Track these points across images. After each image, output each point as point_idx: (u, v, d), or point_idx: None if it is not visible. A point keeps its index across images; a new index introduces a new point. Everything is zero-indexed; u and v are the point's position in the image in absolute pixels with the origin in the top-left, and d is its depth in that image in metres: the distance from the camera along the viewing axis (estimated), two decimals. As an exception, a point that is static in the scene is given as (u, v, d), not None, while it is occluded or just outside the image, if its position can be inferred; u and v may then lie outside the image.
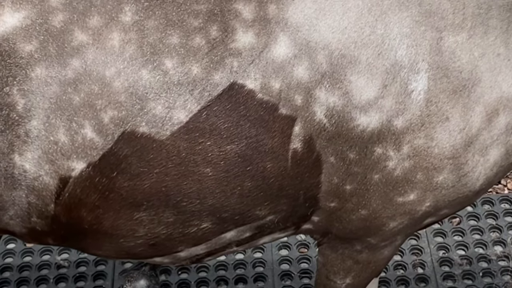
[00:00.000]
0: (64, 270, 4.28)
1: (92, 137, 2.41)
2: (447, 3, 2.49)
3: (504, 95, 2.55)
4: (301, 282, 4.20)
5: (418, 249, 4.35)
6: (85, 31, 2.39)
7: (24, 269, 4.29)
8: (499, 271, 4.24)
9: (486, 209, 4.53)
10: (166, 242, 2.65)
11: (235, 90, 2.42)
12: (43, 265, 4.30)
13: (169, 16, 2.42)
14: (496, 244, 4.38)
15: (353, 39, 2.45)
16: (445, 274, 4.23)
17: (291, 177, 2.54)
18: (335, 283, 3.01)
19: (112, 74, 2.38)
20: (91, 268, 4.28)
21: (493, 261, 4.29)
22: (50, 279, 4.23)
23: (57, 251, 4.34)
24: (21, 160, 2.42)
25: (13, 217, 2.56)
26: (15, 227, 2.61)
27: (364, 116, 2.47)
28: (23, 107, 2.37)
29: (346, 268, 2.95)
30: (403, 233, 2.82)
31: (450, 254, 4.33)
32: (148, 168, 2.45)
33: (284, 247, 4.36)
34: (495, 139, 2.60)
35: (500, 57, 2.54)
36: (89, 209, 2.51)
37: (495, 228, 4.44)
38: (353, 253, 2.88)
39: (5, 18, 2.37)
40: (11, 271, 4.27)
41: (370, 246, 2.83)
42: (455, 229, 4.44)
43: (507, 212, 4.52)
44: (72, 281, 4.23)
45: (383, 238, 2.79)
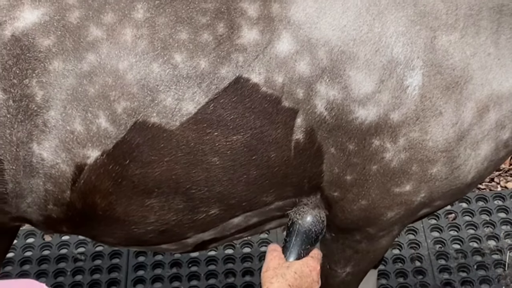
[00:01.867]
0: (80, 263, 4.27)
1: (106, 127, 2.41)
2: (441, 4, 2.49)
3: (494, 93, 2.55)
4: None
5: (415, 243, 4.34)
6: (99, 27, 2.40)
7: (43, 262, 4.29)
8: (493, 264, 4.23)
9: (480, 206, 4.53)
10: (175, 228, 2.65)
11: (240, 84, 2.43)
12: (60, 258, 4.30)
13: (179, 13, 2.43)
14: (490, 239, 4.37)
15: (352, 37, 2.45)
16: (441, 267, 4.22)
17: (294, 166, 2.55)
18: (336, 272, 3.00)
19: (125, 67, 2.39)
20: (106, 261, 4.28)
21: (486, 255, 4.28)
22: (67, 271, 4.23)
23: (74, 245, 4.34)
24: (39, 148, 2.43)
25: (30, 205, 2.56)
26: (32, 215, 2.61)
27: (362, 109, 2.48)
28: (41, 98, 2.38)
29: (346, 257, 2.94)
30: (400, 223, 2.81)
31: (446, 248, 4.32)
32: (158, 156, 2.45)
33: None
34: (486, 134, 2.60)
35: (491, 56, 2.54)
36: (103, 195, 2.51)
37: (488, 223, 4.44)
38: (353, 243, 2.87)
39: (25, 15, 2.38)
40: (31, 264, 4.27)
41: (369, 236, 2.83)
42: (451, 225, 4.44)
43: (500, 209, 4.52)
44: (88, 273, 4.22)
45: (381, 228, 2.78)
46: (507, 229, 4.40)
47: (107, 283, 4.18)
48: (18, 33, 2.36)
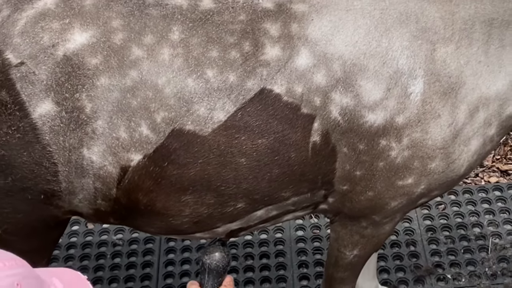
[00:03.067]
0: (119, 248, 4.27)
1: (147, 134, 2.41)
2: (439, 20, 2.49)
3: (483, 95, 2.56)
4: (314, 257, 4.18)
5: (410, 230, 4.33)
6: (140, 47, 2.40)
7: (86, 246, 4.28)
8: (477, 249, 4.21)
9: (466, 198, 4.51)
10: (207, 220, 2.65)
11: (264, 94, 2.43)
12: (101, 243, 4.30)
13: (210, 34, 2.43)
14: (475, 226, 4.34)
15: (363, 51, 2.46)
16: (432, 251, 4.21)
17: (311, 165, 2.55)
18: (345, 254, 3.00)
19: (163, 82, 2.39)
20: (141, 245, 4.27)
21: (472, 240, 4.26)
22: (107, 255, 4.23)
23: (113, 231, 4.34)
24: (89, 153, 2.43)
25: (81, 200, 2.56)
26: (83, 209, 2.61)
27: (372, 114, 2.48)
28: (90, 109, 2.38)
29: (354, 241, 2.93)
30: (401, 211, 2.82)
31: (437, 234, 4.30)
32: (193, 159, 2.45)
33: (300, 229, 4.35)
34: (476, 131, 2.60)
35: (481, 63, 2.54)
36: (145, 193, 2.51)
37: (473, 213, 4.41)
38: (360, 229, 2.87)
39: (75, 37, 2.37)
40: (75, 249, 4.27)
41: (374, 223, 2.83)
42: (441, 214, 4.42)
43: (483, 200, 4.49)
44: (126, 256, 4.22)
45: (385, 215, 2.78)
46: (489, 218, 4.38)
47: (142, 265, 4.17)
48: (69, 53, 2.36)
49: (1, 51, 2.34)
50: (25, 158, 2.42)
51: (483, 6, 2.51)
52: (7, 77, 2.34)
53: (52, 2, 2.41)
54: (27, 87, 2.35)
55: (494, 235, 4.29)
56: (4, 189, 2.49)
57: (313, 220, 4.39)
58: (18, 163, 2.43)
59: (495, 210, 4.43)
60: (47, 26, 2.37)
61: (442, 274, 4.09)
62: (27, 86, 2.35)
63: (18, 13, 2.39)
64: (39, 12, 2.39)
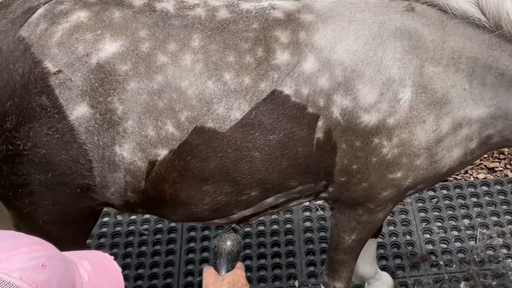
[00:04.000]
0: (144, 237, 4.27)
1: (173, 131, 2.43)
2: (430, 43, 2.51)
3: (467, 116, 2.59)
4: (320, 246, 4.18)
5: (406, 221, 4.33)
6: (165, 54, 2.42)
7: (115, 236, 4.30)
8: (467, 238, 4.21)
9: (457, 192, 4.50)
10: (225, 207, 2.67)
11: (275, 95, 2.45)
12: (129, 233, 4.30)
13: (227, 41, 2.45)
14: (464, 218, 4.34)
15: (361, 59, 2.48)
16: (426, 240, 4.20)
17: (315, 158, 2.58)
18: (344, 239, 3.02)
19: (186, 85, 2.41)
20: (165, 235, 4.28)
21: (462, 230, 4.26)
22: (134, 243, 4.24)
23: (139, 223, 4.34)
24: (121, 150, 2.45)
25: (113, 193, 2.58)
26: (114, 201, 2.63)
27: (367, 115, 2.51)
28: (121, 111, 2.40)
29: (352, 227, 2.95)
30: (392, 200, 2.84)
31: (430, 225, 4.30)
32: (213, 153, 2.48)
33: (307, 220, 4.35)
34: (458, 143, 2.63)
35: (466, 91, 2.56)
36: (170, 184, 2.54)
37: (463, 206, 4.41)
38: (357, 216, 2.89)
39: (106, 47, 2.40)
40: (106, 238, 4.28)
41: (369, 210, 2.85)
42: (434, 207, 4.42)
43: (472, 194, 4.49)
44: (151, 245, 4.22)
45: (378, 204, 2.80)
46: (478, 211, 4.37)
47: (166, 252, 4.17)
48: (102, 61, 2.38)
49: (41, 61, 2.37)
50: (63, 156, 2.44)
51: (471, 44, 2.52)
52: (47, 84, 2.36)
53: (85, 15, 2.44)
54: (64, 92, 2.37)
55: (482, 226, 4.29)
56: (45, 183, 2.52)
57: (319, 212, 4.40)
58: (57, 161, 2.45)
59: (483, 203, 4.43)
60: (81, 37, 2.40)
61: (435, 261, 4.08)
62: (65, 92, 2.37)
63: (54, 26, 2.41)
64: (74, 25, 2.42)
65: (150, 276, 4.04)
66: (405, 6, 2.55)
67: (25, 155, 2.43)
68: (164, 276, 4.05)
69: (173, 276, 4.04)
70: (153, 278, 4.04)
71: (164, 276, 4.05)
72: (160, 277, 4.03)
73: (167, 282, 4.02)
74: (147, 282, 4.01)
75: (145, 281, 4.01)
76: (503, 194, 4.48)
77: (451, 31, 2.51)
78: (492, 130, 2.66)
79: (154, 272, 4.07)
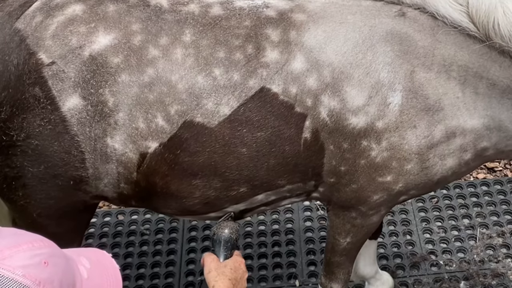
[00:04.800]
0: (146, 237, 4.31)
1: (163, 125, 2.46)
2: (421, 49, 2.51)
3: (461, 125, 2.58)
4: (320, 245, 4.21)
5: (406, 221, 4.34)
6: (157, 47, 2.45)
7: (116, 236, 4.33)
8: (466, 238, 4.22)
9: (457, 192, 4.51)
10: (215, 201, 2.69)
11: (264, 93, 2.47)
12: (131, 233, 4.34)
13: (218, 37, 2.48)
14: (464, 218, 4.35)
15: (350, 61, 2.49)
16: (426, 240, 4.21)
17: (303, 158, 2.58)
18: (339, 241, 3.01)
19: (176, 79, 2.44)
20: (166, 235, 4.31)
21: (462, 230, 4.27)
22: (135, 243, 4.27)
23: (141, 222, 4.38)
24: (112, 141, 2.48)
25: (107, 185, 2.60)
26: (108, 193, 2.65)
27: (355, 118, 2.51)
28: (112, 103, 2.43)
29: (346, 230, 2.94)
30: (385, 205, 2.83)
31: (430, 225, 4.31)
32: (202, 147, 2.50)
33: (308, 220, 4.37)
34: (452, 152, 2.62)
35: (459, 99, 2.55)
36: (161, 176, 2.56)
37: (463, 206, 4.42)
38: (351, 219, 2.89)
39: (99, 39, 2.44)
40: (107, 238, 4.32)
41: (362, 214, 2.84)
42: (434, 207, 4.43)
43: (472, 194, 4.50)
44: (152, 244, 4.25)
45: (370, 207, 2.80)
46: (477, 210, 4.38)
47: (167, 252, 4.21)
48: (94, 53, 2.43)
49: (35, 52, 2.42)
50: (56, 147, 2.48)
51: (462, 53, 2.51)
52: (40, 75, 2.41)
53: (79, 9, 2.49)
54: (57, 83, 2.42)
55: (482, 226, 4.30)
56: (38, 176, 2.56)
57: (320, 212, 4.42)
58: (50, 152, 2.49)
59: (483, 203, 4.44)
60: (75, 30, 2.45)
61: (435, 260, 4.10)
62: (58, 83, 2.42)
63: (50, 18, 2.47)
64: (68, 17, 2.47)
65: (151, 275, 4.08)
66: (397, 11, 2.55)
67: (18, 146, 2.47)
68: (165, 276, 4.08)
69: (174, 276, 4.07)
70: (154, 278, 4.07)
71: (165, 275, 4.08)
72: (161, 276, 4.07)
73: (168, 281, 4.05)
74: (148, 281, 4.05)
75: (146, 281, 4.05)
76: (503, 194, 4.49)
77: (442, 38, 2.51)
78: (488, 143, 2.65)
79: (155, 272, 4.10)
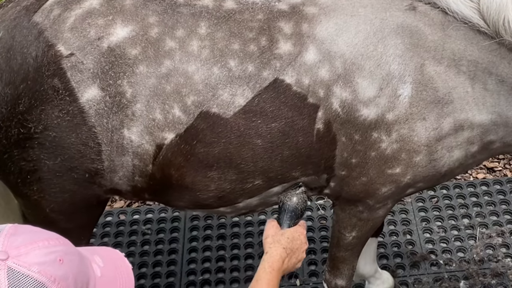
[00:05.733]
0: (147, 237, 4.33)
1: (179, 115, 2.49)
2: (431, 42, 2.55)
3: (469, 119, 2.61)
4: (321, 245, 4.24)
5: (407, 221, 4.38)
6: (173, 39, 2.49)
7: (118, 235, 4.35)
8: (466, 237, 4.26)
9: (457, 192, 4.56)
10: (230, 195, 2.71)
11: (277, 84, 2.50)
12: (132, 232, 4.36)
13: (232, 29, 2.52)
14: (464, 217, 4.40)
15: (361, 53, 2.53)
16: (426, 239, 4.25)
17: (315, 149, 2.61)
18: (344, 235, 3.04)
19: (193, 70, 2.47)
20: (167, 234, 4.33)
21: (461, 230, 4.31)
22: (137, 243, 4.29)
23: (142, 222, 4.40)
24: (129, 133, 2.51)
25: (121, 178, 2.63)
26: (122, 186, 2.67)
27: (366, 109, 2.55)
28: (130, 94, 2.46)
29: (352, 224, 2.97)
30: (392, 198, 2.86)
31: (430, 224, 4.35)
32: (217, 138, 2.53)
33: (309, 219, 4.40)
34: (459, 144, 2.66)
35: (468, 94, 2.59)
36: (176, 168, 2.58)
37: (463, 205, 4.47)
38: (357, 213, 2.92)
39: (117, 31, 2.48)
40: (109, 237, 4.34)
41: (369, 207, 2.87)
42: (434, 206, 4.47)
43: (472, 194, 4.54)
44: (154, 244, 4.27)
45: (378, 200, 2.83)
46: (477, 210, 4.43)
47: (168, 251, 4.23)
48: (112, 45, 2.46)
49: (54, 44, 2.45)
50: (73, 139, 2.51)
51: (471, 48, 2.56)
52: (59, 67, 2.44)
53: (97, 2, 2.53)
54: (76, 75, 2.45)
55: (481, 225, 4.34)
56: (54, 169, 2.58)
57: (320, 212, 4.45)
58: (67, 144, 2.52)
59: (482, 203, 4.49)
60: (93, 22, 2.49)
61: (435, 260, 4.14)
62: (76, 74, 2.45)
63: (68, 12, 2.50)
64: (86, 10, 2.51)
65: (153, 274, 4.10)
66: (408, 5, 2.59)
67: (36, 138, 2.49)
68: (167, 275, 4.11)
69: (176, 275, 4.10)
70: (155, 277, 4.10)
71: (167, 275, 4.11)
72: (163, 275, 4.10)
73: (170, 280, 4.08)
74: (150, 280, 4.07)
75: (148, 280, 4.07)
76: (502, 193, 4.54)
77: (452, 33, 2.55)
78: (494, 136, 2.69)
79: (157, 271, 4.12)
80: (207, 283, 4.06)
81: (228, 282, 4.06)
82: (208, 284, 4.06)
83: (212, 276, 4.09)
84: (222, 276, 4.10)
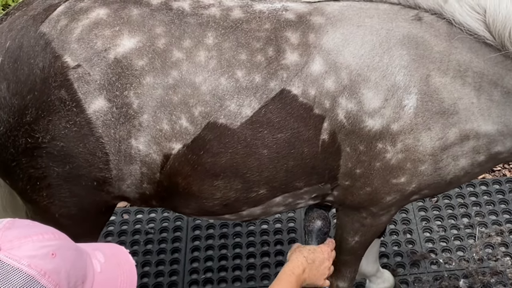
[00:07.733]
0: (150, 236, 4.33)
1: (186, 126, 2.48)
2: (437, 54, 2.53)
3: (474, 129, 2.60)
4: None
5: (407, 220, 4.37)
6: (180, 50, 2.47)
7: (121, 234, 4.34)
8: (466, 236, 4.25)
9: (457, 191, 4.54)
10: (235, 203, 2.70)
11: (284, 94, 2.49)
12: (135, 232, 4.35)
13: (239, 40, 2.50)
14: (464, 217, 4.39)
15: (367, 64, 2.51)
16: (426, 238, 4.25)
17: (320, 160, 2.60)
18: (347, 240, 3.02)
19: (200, 81, 2.46)
20: (171, 234, 4.33)
21: (461, 229, 4.30)
22: (140, 242, 4.29)
23: (145, 221, 4.40)
24: (136, 143, 2.49)
25: (129, 185, 2.62)
26: (130, 193, 2.67)
27: (371, 120, 2.53)
28: (137, 105, 2.44)
29: (355, 229, 2.96)
30: (396, 205, 2.85)
31: (430, 223, 4.35)
32: (224, 148, 2.51)
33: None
34: (465, 153, 2.65)
35: (474, 105, 2.57)
36: (183, 177, 2.57)
37: (462, 205, 4.46)
38: (360, 218, 2.90)
39: (124, 42, 2.46)
40: (112, 236, 4.32)
41: (372, 214, 2.86)
42: (433, 206, 4.46)
43: (471, 194, 4.53)
44: (157, 243, 4.27)
45: (382, 208, 2.82)
46: (476, 209, 4.43)
47: (171, 250, 4.23)
48: (119, 56, 2.44)
49: (61, 55, 2.43)
50: (81, 148, 2.49)
51: (477, 59, 2.54)
52: (66, 78, 2.42)
53: (104, 12, 2.50)
54: (83, 86, 2.43)
55: (481, 225, 4.34)
56: (63, 175, 2.57)
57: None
58: (75, 153, 2.50)
59: (482, 202, 4.48)
60: (100, 33, 2.46)
61: (435, 258, 4.13)
62: (83, 86, 2.43)
63: (74, 22, 2.48)
64: (93, 21, 2.48)
65: (156, 273, 4.10)
66: (414, 16, 2.57)
67: (44, 147, 2.48)
68: (170, 274, 4.10)
69: (178, 274, 4.09)
70: (158, 276, 4.09)
71: (170, 273, 4.10)
72: (166, 274, 4.09)
73: (173, 279, 4.07)
74: (153, 279, 4.06)
75: (151, 278, 4.06)
76: (502, 193, 4.53)
77: (458, 45, 2.53)
78: (502, 147, 2.67)
79: (160, 270, 4.12)
80: (210, 282, 4.06)
81: (230, 281, 4.06)
82: (211, 282, 4.06)
83: (214, 274, 4.09)
84: (224, 274, 4.09)
